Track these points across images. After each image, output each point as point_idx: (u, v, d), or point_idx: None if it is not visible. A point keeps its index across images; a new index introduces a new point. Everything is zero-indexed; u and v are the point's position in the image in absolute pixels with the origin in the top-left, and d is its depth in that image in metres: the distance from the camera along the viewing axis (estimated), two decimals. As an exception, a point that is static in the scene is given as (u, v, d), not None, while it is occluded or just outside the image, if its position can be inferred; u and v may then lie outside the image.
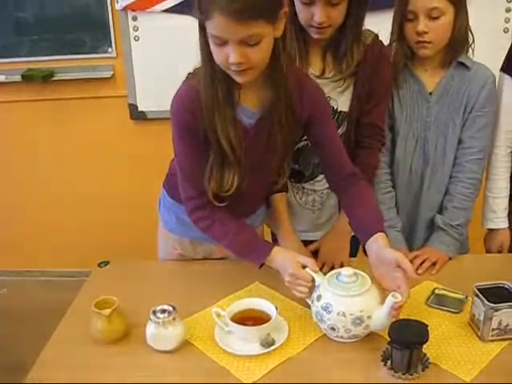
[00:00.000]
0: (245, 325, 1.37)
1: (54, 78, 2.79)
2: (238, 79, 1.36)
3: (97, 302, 1.41)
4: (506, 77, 1.83)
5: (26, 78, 2.77)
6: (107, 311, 1.37)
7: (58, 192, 3.06)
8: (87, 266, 1.86)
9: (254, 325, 1.37)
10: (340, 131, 1.75)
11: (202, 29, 1.31)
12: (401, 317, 1.33)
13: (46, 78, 2.76)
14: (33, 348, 1.46)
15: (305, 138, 1.76)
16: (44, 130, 2.95)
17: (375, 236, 1.42)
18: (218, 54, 1.31)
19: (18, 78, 2.78)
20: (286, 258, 1.44)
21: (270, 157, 1.52)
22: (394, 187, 1.85)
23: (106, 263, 1.79)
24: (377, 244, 1.41)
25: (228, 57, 1.28)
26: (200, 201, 1.50)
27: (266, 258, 1.46)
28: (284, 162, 1.59)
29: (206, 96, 1.39)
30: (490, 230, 1.96)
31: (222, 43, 1.28)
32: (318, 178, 1.82)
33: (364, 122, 1.74)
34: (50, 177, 3.04)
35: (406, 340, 1.23)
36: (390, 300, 1.30)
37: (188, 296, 1.54)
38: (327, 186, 1.80)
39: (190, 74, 1.47)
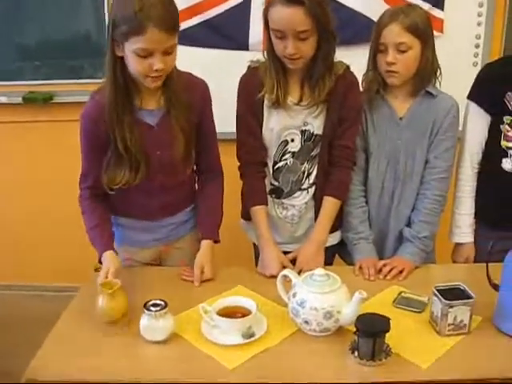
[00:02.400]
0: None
1: (54, 101, 2.94)
2: (152, 85, 1.68)
3: (102, 283, 1.59)
4: (472, 104, 2.03)
5: (26, 100, 2.92)
6: (110, 290, 1.55)
7: (55, 211, 3.16)
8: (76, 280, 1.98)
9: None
10: (315, 152, 1.94)
11: (113, 47, 1.63)
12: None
13: (46, 100, 2.92)
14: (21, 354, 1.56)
15: (284, 158, 1.95)
16: (43, 151, 3.08)
17: (202, 242, 1.88)
18: (140, 65, 1.61)
19: (19, 99, 2.93)
20: (108, 261, 1.72)
21: (173, 149, 1.78)
22: (367, 202, 2.02)
23: (102, 268, 1.94)
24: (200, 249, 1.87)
25: (152, 66, 1.61)
26: (83, 192, 1.87)
27: (101, 257, 1.76)
28: (188, 154, 1.83)
29: (109, 106, 1.69)
30: (457, 244, 2.13)
31: (147, 55, 1.59)
32: (295, 195, 1.99)
33: (336, 144, 1.93)
34: (48, 195, 3.14)
35: (370, 329, 1.40)
36: (356, 297, 1.47)
37: (177, 297, 1.67)
38: (305, 201, 1.99)
39: (93, 92, 1.80)
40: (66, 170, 3.05)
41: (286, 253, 1.96)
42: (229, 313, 1.54)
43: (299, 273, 1.80)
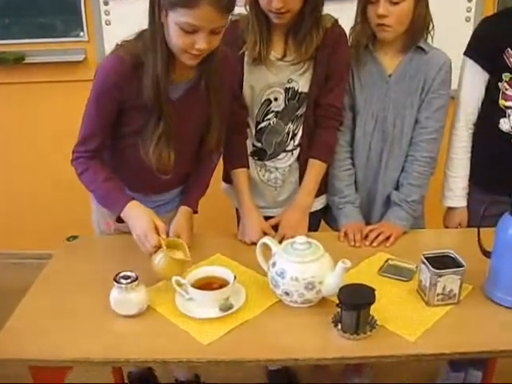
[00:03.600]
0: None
1: (26, 61, 2.79)
2: (189, 62, 1.52)
3: (166, 243, 1.51)
4: (468, 60, 1.90)
5: (-3, 60, 2.78)
6: (187, 257, 1.51)
7: (28, 174, 3.08)
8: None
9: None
10: (300, 112, 1.83)
11: (159, 12, 1.46)
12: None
13: (18, 60, 2.77)
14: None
15: (268, 117, 1.84)
16: (15, 113, 2.96)
17: (180, 208, 1.77)
18: (182, 39, 1.46)
19: (-11, 60, 2.78)
20: (139, 216, 1.58)
21: (200, 125, 1.69)
22: (353, 165, 1.92)
23: (75, 237, 1.84)
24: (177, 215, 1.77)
25: (194, 43, 1.45)
26: (85, 154, 1.65)
27: (121, 211, 1.60)
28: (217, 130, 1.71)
29: (153, 78, 1.52)
30: (449, 209, 2.03)
31: (192, 31, 1.43)
32: (279, 157, 1.89)
33: (322, 103, 1.82)
34: (20, 159, 3.05)
35: (353, 301, 1.31)
36: (339, 266, 1.38)
37: (151, 267, 1.58)
38: (289, 163, 1.89)
39: (118, 45, 1.58)
40: (39, 133, 2.97)
41: (268, 218, 1.87)
42: (205, 284, 1.46)
43: (281, 240, 1.71)
